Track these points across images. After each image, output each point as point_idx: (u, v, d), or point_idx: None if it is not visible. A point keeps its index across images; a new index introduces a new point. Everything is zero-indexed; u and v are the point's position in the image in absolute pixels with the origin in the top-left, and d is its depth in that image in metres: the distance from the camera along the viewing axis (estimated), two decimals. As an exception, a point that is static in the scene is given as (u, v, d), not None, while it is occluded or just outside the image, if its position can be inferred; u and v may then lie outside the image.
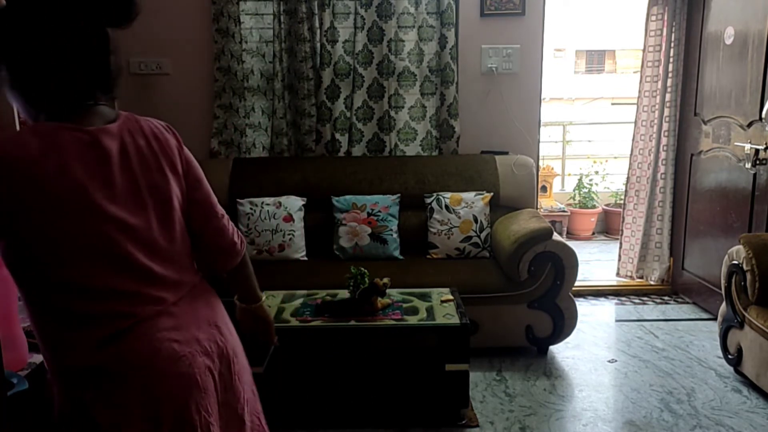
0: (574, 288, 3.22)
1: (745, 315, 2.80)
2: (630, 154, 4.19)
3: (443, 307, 2.70)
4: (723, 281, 2.97)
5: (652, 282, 4.23)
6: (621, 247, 4.33)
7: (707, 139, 3.76)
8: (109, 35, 1.16)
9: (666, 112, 3.99)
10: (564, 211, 5.56)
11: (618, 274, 4.37)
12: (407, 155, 3.81)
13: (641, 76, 4.07)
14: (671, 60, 3.93)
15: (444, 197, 3.48)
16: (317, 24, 3.66)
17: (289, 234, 3.37)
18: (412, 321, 2.56)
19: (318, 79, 3.72)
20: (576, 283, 3.23)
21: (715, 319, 3.17)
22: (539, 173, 4.50)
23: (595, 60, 20.24)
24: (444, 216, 3.44)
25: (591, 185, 5.85)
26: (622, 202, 4.41)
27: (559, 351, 3.30)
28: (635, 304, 4.05)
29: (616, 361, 3.20)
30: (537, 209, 3.78)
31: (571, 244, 3.30)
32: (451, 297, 2.81)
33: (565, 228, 5.53)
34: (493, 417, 2.67)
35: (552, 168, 5.86)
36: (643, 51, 4.03)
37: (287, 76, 3.74)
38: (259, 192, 3.49)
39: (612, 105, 16.74)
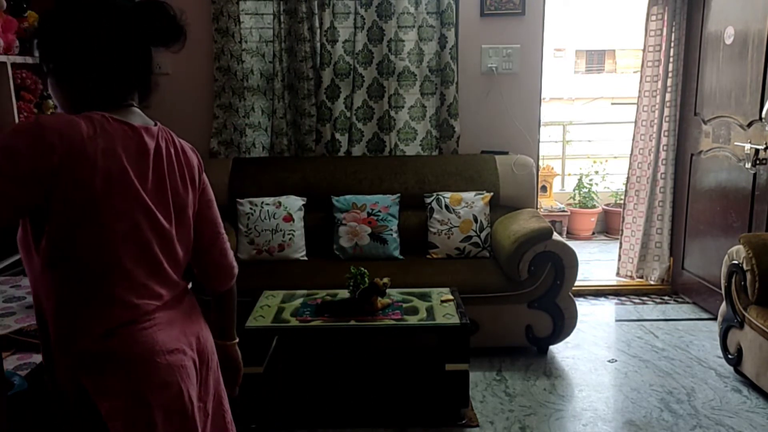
0: (574, 288, 3.22)
1: (745, 315, 2.80)
2: (630, 153, 4.19)
3: (443, 307, 2.70)
4: (723, 281, 2.97)
5: (652, 282, 4.23)
6: (621, 247, 4.33)
7: (707, 139, 3.76)
8: (152, 52, 1.25)
9: (666, 111, 3.99)
10: (564, 211, 5.56)
11: (618, 273, 4.37)
12: (407, 155, 3.81)
13: (641, 75, 4.07)
14: (671, 60, 3.93)
15: (444, 197, 3.48)
16: (317, 24, 3.66)
17: (289, 234, 3.37)
18: (412, 321, 2.56)
19: (318, 79, 3.72)
20: (576, 283, 3.24)
21: (715, 319, 3.18)
22: (539, 173, 4.50)
23: (595, 60, 20.24)
24: (444, 216, 3.44)
25: (591, 185, 5.85)
26: (622, 201, 4.41)
27: (559, 351, 3.30)
28: (635, 303, 4.05)
29: (616, 361, 3.20)
30: (537, 209, 3.78)
31: (571, 244, 3.30)
32: (451, 297, 2.81)
33: (565, 228, 5.53)
34: (493, 417, 2.67)
35: (552, 168, 5.86)
36: (643, 51, 4.03)
37: (287, 75, 3.74)
38: (259, 192, 3.49)
39: (612, 105, 16.72)
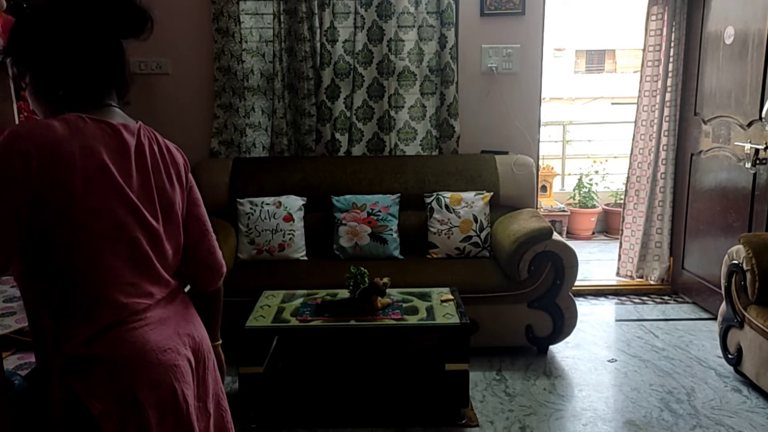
0: (574, 287, 3.22)
1: (745, 314, 2.80)
2: (630, 153, 4.19)
3: (443, 307, 2.70)
4: (723, 281, 2.97)
5: (652, 282, 4.23)
6: (621, 247, 4.33)
7: (707, 139, 3.76)
8: (123, 46, 1.26)
9: (666, 111, 3.99)
10: (564, 211, 5.56)
11: (618, 273, 4.37)
12: (407, 155, 3.81)
13: (641, 75, 4.07)
14: (671, 59, 3.93)
15: (444, 197, 3.48)
16: (317, 24, 3.66)
17: (289, 234, 3.37)
18: (411, 321, 2.56)
19: (318, 79, 3.72)
20: (576, 283, 3.24)
21: (715, 319, 3.17)
22: (539, 173, 4.50)
23: (595, 60, 20.23)
24: (444, 216, 3.44)
25: (591, 185, 5.85)
26: (622, 201, 4.41)
27: (559, 350, 3.30)
28: (635, 303, 4.05)
29: (616, 361, 3.20)
30: (537, 209, 3.78)
31: (571, 243, 3.30)
32: (451, 296, 2.81)
33: (565, 228, 5.53)
34: (493, 416, 2.67)
35: (552, 168, 5.87)
36: (643, 50, 4.03)
37: (287, 75, 3.74)
38: (259, 192, 3.49)
39: (612, 105, 16.71)
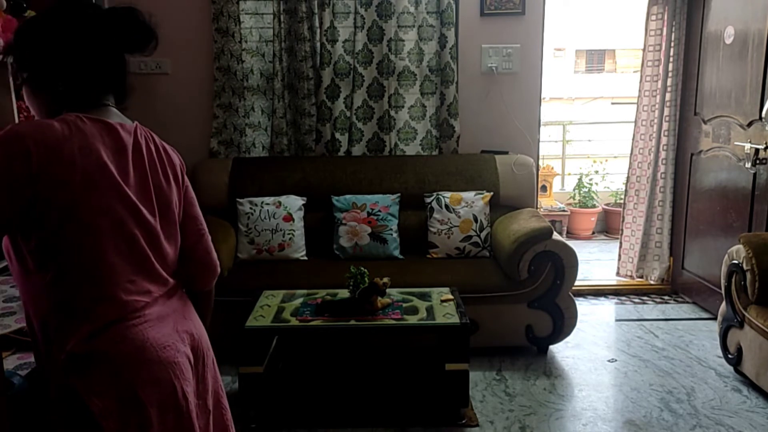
0: (574, 287, 3.22)
1: (745, 314, 2.80)
2: (630, 153, 4.19)
3: (443, 307, 2.70)
4: (723, 281, 2.97)
5: (652, 281, 4.23)
6: (621, 247, 4.33)
7: (707, 139, 3.76)
8: (126, 59, 1.32)
9: (666, 111, 3.99)
10: (564, 211, 5.56)
11: (618, 273, 4.37)
12: (407, 155, 3.81)
13: (641, 75, 4.07)
14: (671, 59, 3.93)
15: (444, 197, 3.48)
16: (317, 23, 3.66)
17: (289, 233, 3.37)
18: (411, 320, 2.56)
19: (318, 79, 3.72)
20: (576, 283, 3.24)
21: (715, 319, 3.17)
22: (539, 173, 4.50)
23: (595, 59, 20.21)
24: (444, 215, 3.43)
25: (591, 185, 5.85)
26: (622, 201, 4.41)
27: (559, 350, 3.30)
28: (635, 303, 4.05)
29: (616, 361, 3.20)
30: (537, 209, 3.78)
31: (571, 243, 3.29)
32: (451, 296, 2.81)
33: (565, 227, 5.53)
34: (493, 416, 2.67)
35: (552, 167, 5.86)
36: (643, 50, 4.03)
37: (287, 75, 3.74)
38: (259, 191, 3.49)
39: (612, 104, 16.70)
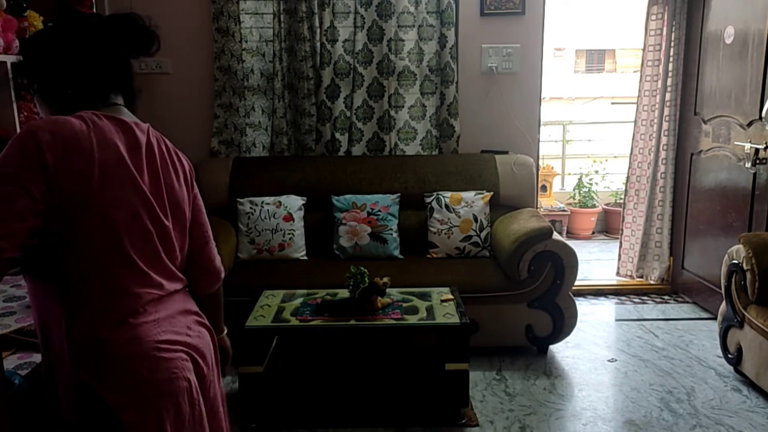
0: (574, 287, 3.22)
1: (745, 314, 2.80)
2: (630, 153, 4.19)
3: (443, 307, 2.70)
4: (723, 280, 2.97)
5: (652, 281, 4.23)
6: (621, 247, 4.33)
7: (707, 139, 3.76)
8: (131, 61, 1.32)
9: (666, 111, 3.99)
10: (564, 211, 5.56)
11: (618, 273, 4.37)
12: (407, 155, 3.81)
13: (641, 75, 4.07)
14: (671, 59, 3.93)
15: (444, 196, 3.48)
16: (317, 23, 3.66)
17: (289, 233, 3.37)
18: (411, 320, 2.56)
19: (318, 79, 3.72)
20: (576, 283, 3.24)
21: (715, 319, 3.17)
22: (539, 172, 4.50)
23: (595, 59, 20.21)
24: (444, 215, 3.44)
25: (591, 184, 5.85)
26: (622, 201, 4.41)
27: (559, 350, 3.30)
28: (635, 303, 4.05)
29: (615, 361, 3.20)
30: (537, 208, 3.78)
31: (571, 243, 3.30)
32: (451, 296, 2.81)
33: (565, 227, 5.53)
34: (493, 416, 2.67)
35: (552, 167, 5.86)
36: (643, 50, 4.03)
37: (287, 75, 3.74)
38: (260, 191, 3.49)
39: (612, 104, 16.71)
